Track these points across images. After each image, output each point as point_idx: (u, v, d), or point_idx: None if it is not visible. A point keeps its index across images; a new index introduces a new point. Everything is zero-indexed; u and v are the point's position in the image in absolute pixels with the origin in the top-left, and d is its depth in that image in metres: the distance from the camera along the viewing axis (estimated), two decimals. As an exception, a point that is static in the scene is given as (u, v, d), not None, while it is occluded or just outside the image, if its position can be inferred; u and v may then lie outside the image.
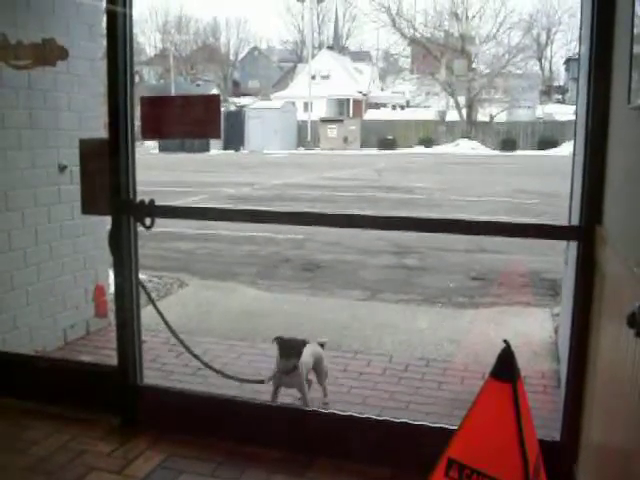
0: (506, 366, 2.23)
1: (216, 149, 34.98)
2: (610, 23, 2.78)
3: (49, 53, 4.63)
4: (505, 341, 2.26)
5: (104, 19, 3.66)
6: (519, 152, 35.59)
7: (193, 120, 3.63)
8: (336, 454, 3.47)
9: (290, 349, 3.96)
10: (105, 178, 3.67)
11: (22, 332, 4.84)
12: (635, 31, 2.13)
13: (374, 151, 37.76)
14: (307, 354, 4.09)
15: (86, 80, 5.20)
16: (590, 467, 2.75)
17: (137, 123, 3.70)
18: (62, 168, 5.03)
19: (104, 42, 3.66)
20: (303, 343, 4.02)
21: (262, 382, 4.14)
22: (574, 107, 4.36)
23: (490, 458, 2.17)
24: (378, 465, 3.38)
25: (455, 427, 2.34)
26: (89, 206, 3.88)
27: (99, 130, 5.20)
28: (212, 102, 3.72)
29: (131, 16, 3.61)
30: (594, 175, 2.95)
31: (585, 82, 3.10)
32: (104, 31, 3.65)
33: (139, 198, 3.72)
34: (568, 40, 50.32)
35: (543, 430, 3.08)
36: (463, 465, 2.20)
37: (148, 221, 3.69)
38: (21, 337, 4.81)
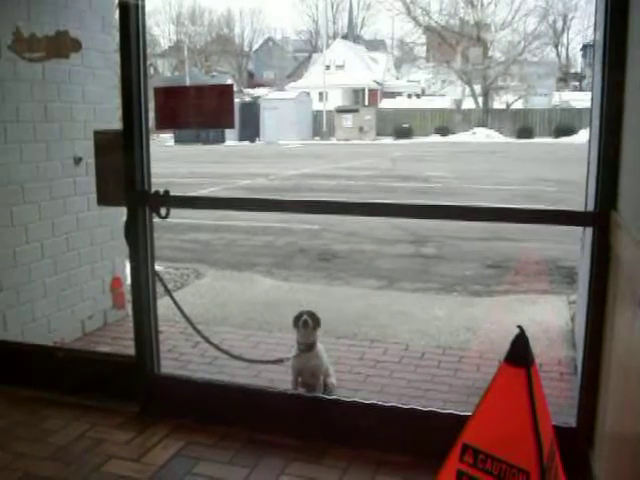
0: (520, 351, 2.23)
1: (231, 140, 34.95)
2: (624, 7, 2.76)
3: (62, 45, 4.65)
4: (519, 326, 2.26)
5: (117, 11, 3.67)
6: (536, 140, 35.34)
7: (207, 110, 3.64)
8: (352, 442, 3.48)
9: (307, 318, 4.00)
10: (120, 169, 3.69)
11: (40, 324, 4.88)
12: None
13: (390, 140, 37.61)
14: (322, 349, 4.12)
15: (100, 72, 5.23)
16: (605, 452, 2.75)
17: (152, 115, 3.73)
18: (77, 160, 5.06)
19: (117, 34, 3.67)
20: (318, 319, 4.05)
21: (281, 361, 4.19)
22: (591, 94, 4.33)
23: (504, 443, 2.17)
24: (395, 452, 3.39)
25: (471, 414, 2.35)
26: (104, 197, 3.91)
27: (114, 122, 5.22)
28: (225, 92, 3.72)
29: (144, 8, 3.62)
30: (609, 160, 2.93)
31: (600, 67, 3.08)
32: (117, 23, 3.66)
33: (154, 189, 3.74)
34: (585, 26, 49.82)
35: (559, 416, 3.09)
36: (478, 450, 2.21)
37: (163, 211, 3.71)
38: (39, 328, 4.86)
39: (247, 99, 41.83)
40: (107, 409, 3.92)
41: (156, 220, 3.78)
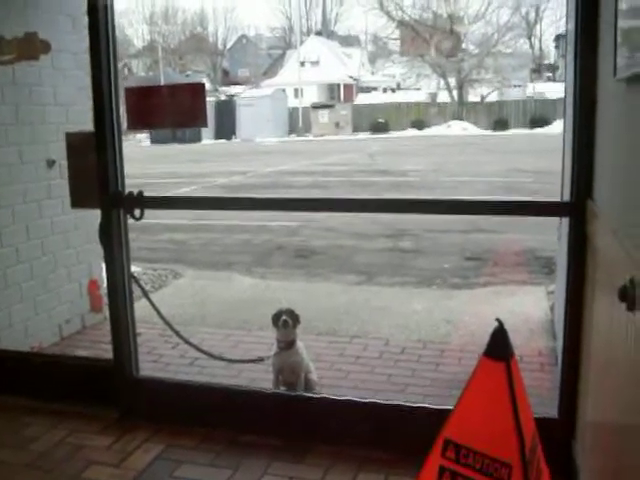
0: (499, 345, 2.22)
1: (208, 139, 34.88)
2: (595, -2, 2.76)
3: (32, 47, 4.58)
4: (498, 320, 2.25)
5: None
6: (511, 131, 35.50)
7: (179, 109, 3.60)
8: (335, 440, 3.47)
9: (286, 317, 3.98)
10: (93, 171, 3.65)
11: (17, 329, 4.82)
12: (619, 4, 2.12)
13: (366, 135, 37.65)
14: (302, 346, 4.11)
15: (71, 73, 5.16)
16: (588, 443, 2.75)
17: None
18: (51, 163, 5.01)
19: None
20: (297, 316, 4.04)
21: (261, 360, 4.17)
22: (564, 84, 4.34)
23: (486, 438, 2.16)
24: (377, 449, 3.37)
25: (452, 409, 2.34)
26: (78, 200, 3.86)
27: (88, 123, 5.15)
28: (197, 90, 3.68)
29: (112, 7, 3.57)
30: (584, 150, 2.93)
31: (572, 57, 3.08)
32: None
33: (128, 190, 3.70)
34: (557, 17, 50.01)
35: (541, 407, 3.09)
36: (459, 445, 2.20)
37: (137, 213, 3.67)
38: (16, 334, 4.79)
39: (223, 97, 41.73)
40: (87, 414, 3.87)
41: (132, 221, 3.74)
